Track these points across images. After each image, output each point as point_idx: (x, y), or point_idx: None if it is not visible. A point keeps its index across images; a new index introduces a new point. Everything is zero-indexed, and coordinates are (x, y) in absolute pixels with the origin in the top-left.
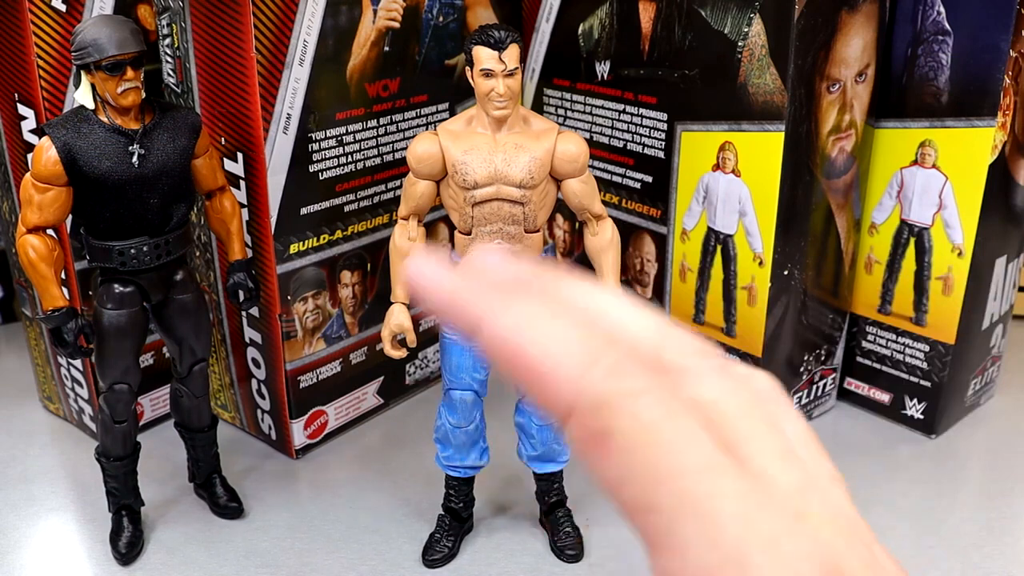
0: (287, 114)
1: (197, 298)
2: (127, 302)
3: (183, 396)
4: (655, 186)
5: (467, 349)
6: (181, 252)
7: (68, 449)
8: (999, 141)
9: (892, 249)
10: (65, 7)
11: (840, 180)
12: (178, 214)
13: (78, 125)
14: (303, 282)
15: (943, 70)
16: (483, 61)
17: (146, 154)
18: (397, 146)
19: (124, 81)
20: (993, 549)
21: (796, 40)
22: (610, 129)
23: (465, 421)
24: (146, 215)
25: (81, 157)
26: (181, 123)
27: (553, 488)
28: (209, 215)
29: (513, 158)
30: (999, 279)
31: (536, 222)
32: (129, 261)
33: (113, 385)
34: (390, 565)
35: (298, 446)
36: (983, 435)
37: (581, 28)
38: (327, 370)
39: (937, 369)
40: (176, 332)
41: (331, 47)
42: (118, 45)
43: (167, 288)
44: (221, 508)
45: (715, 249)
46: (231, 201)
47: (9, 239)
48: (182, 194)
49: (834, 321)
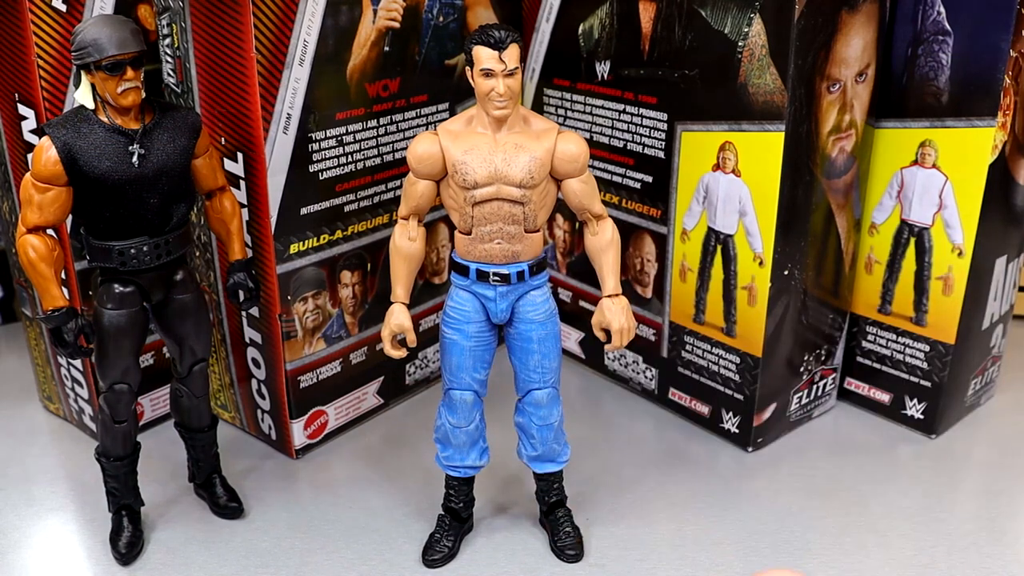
0: (287, 114)
1: (197, 298)
2: (127, 302)
3: (183, 396)
4: (655, 186)
5: (467, 349)
6: (181, 252)
7: (68, 449)
8: (999, 141)
9: (892, 249)
10: (65, 7)
11: (840, 180)
12: (178, 214)
13: (78, 125)
14: (303, 282)
15: (943, 70)
16: (483, 61)
17: (146, 154)
18: (397, 146)
19: (124, 81)
20: (993, 549)
21: (796, 40)
22: (610, 129)
23: (465, 421)
24: (146, 215)
25: (81, 157)
26: (181, 123)
27: (553, 488)
28: (209, 215)
29: (513, 158)
30: (999, 279)
31: (536, 222)
32: (129, 261)
33: (113, 385)
34: (390, 565)
35: (298, 446)
36: (983, 435)
37: (581, 28)
38: (327, 370)
39: (937, 369)
40: (176, 332)
41: (331, 47)
42: (118, 45)
43: (167, 288)
44: (221, 508)
45: (715, 249)
46: (231, 201)
47: (9, 239)
48: (182, 194)
49: (834, 321)
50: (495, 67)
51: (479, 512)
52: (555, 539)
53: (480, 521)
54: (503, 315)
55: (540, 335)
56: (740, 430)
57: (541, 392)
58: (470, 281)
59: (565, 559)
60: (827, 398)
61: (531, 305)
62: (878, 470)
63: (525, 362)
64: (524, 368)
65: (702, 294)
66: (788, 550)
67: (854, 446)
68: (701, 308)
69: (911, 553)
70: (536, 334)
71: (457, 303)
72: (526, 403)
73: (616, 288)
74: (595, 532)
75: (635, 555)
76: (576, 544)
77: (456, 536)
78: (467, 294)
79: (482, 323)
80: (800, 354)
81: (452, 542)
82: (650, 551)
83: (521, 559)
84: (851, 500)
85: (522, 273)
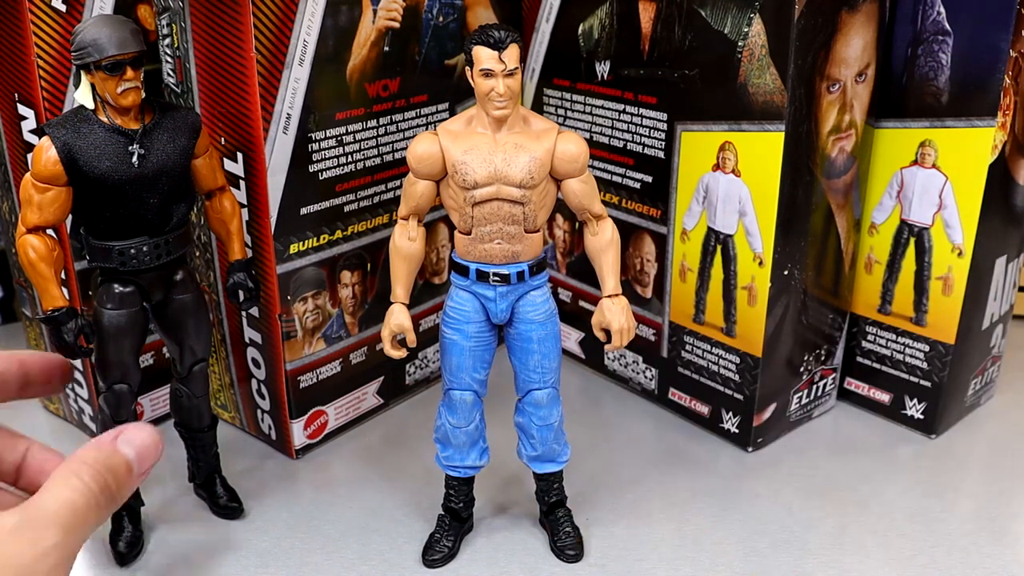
0: (287, 114)
1: (197, 298)
2: (127, 302)
3: (183, 396)
4: (655, 186)
5: (467, 349)
6: (181, 252)
7: (68, 449)
8: (999, 141)
9: (892, 249)
10: (65, 7)
11: (840, 180)
12: (178, 214)
13: (78, 125)
14: (303, 282)
15: (943, 70)
16: (483, 61)
17: (146, 154)
18: (397, 146)
19: (124, 81)
20: (993, 549)
21: (796, 40)
22: (610, 129)
23: (465, 421)
24: (146, 215)
25: (81, 157)
26: (181, 123)
27: (553, 488)
28: (209, 215)
29: (513, 158)
30: (999, 279)
31: (536, 222)
32: (129, 261)
33: (113, 385)
34: (390, 565)
35: (298, 446)
36: (983, 435)
37: (581, 28)
38: (327, 370)
39: (937, 369)
40: (176, 332)
41: (331, 47)
42: (118, 45)
43: (167, 288)
44: (221, 508)
45: (715, 249)
46: (231, 201)
47: (9, 239)
48: (182, 194)
49: (834, 321)
50: (495, 67)
51: (479, 512)
52: (555, 539)
53: (480, 521)
54: (503, 315)
55: (540, 335)
56: (740, 430)
57: (541, 392)
58: (470, 281)
59: (565, 559)
60: (827, 398)
61: (531, 305)
62: (878, 470)
63: (525, 362)
64: (524, 368)
65: (702, 294)
66: (788, 550)
67: (854, 446)
68: (701, 308)
69: (911, 553)
70: (536, 334)
71: (457, 303)
72: (526, 403)
73: (616, 288)
74: (595, 532)
75: (635, 555)
76: (576, 544)
77: (456, 536)
78: (467, 294)
79: (482, 323)
80: (800, 354)
81: (452, 542)
82: (650, 551)
83: (521, 559)
84: (851, 500)
85: (522, 273)
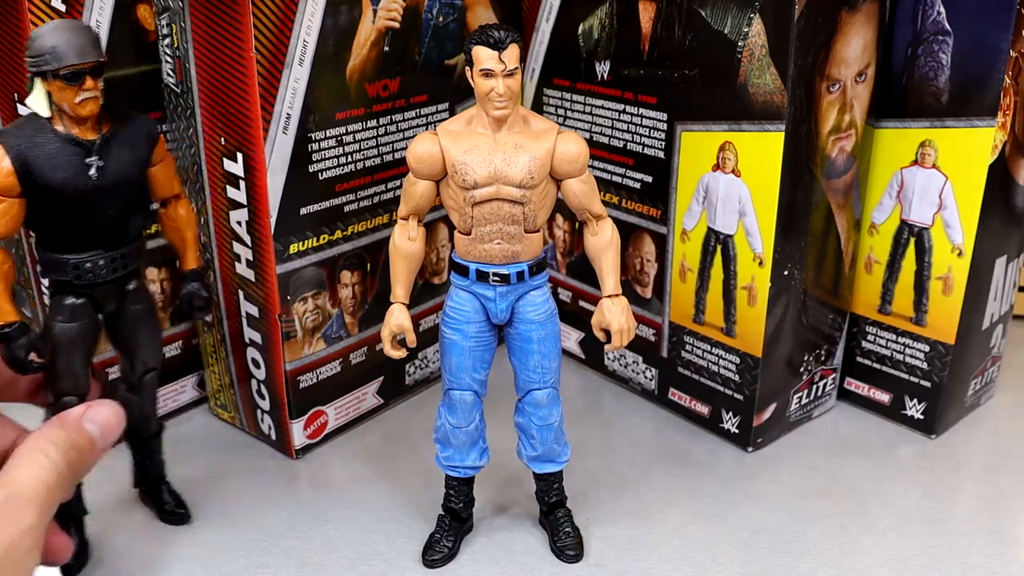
0: (287, 114)
1: (149, 308)
2: (79, 314)
3: (132, 405)
4: (655, 186)
5: (467, 349)
6: (136, 265)
7: None
8: (999, 141)
9: (892, 249)
10: (65, 7)
11: (840, 180)
12: (134, 227)
13: (33, 135)
14: (303, 282)
15: (943, 70)
16: (483, 61)
17: (104, 166)
18: (397, 146)
19: (83, 91)
20: (993, 549)
21: (796, 40)
22: (610, 129)
23: (465, 421)
24: (103, 227)
25: (36, 168)
26: (139, 131)
27: (553, 488)
28: (164, 223)
29: (513, 158)
30: (999, 279)
31: (536, 222)
32: (84, 275)
33: (62, 398)
34: (390, 565)
35: (298, 446)
36: (983, 435)
37: (581, 28)
38: (327, 370)
39: (937, 369)
40: (129, 342)
41: (331, 47)
42: (78, 53)
43: (120, 299)
44: (168, 514)
45: (715, 249)
46: (187, 208)
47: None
48: (138, 204)
49: (834, 321)
50: (495, 67)
51: (479, 512)
52: (555, 539)
53: (480, 521)
54: (503, 315)
55: (540, 335)
56: (740, 430)
57: (541, 392)
58: (470, 281)
59: (565, 559)
60: (827, 398)
61: (531, 305)
62: (878, 470)
63: (525, 362)
64: (524, 368)
65: (702, 294)
66: (788, 550)
67: (854, 446)
68: (701, 308)
69: (911, 553)
70: (536, 334)
71: (457, 303)
72: (526, 403)
73: (616, 288)
74: (595, 532)
75: (635, 555)
76: (576, 544)
77: (456, 536)
78: (467, 294)
79: (482, 323)
80: (800, 354)
81: (452, 542)
82: (650, 551)
83: (521, 559)
84: (851, 500)
85: (522, 273)
